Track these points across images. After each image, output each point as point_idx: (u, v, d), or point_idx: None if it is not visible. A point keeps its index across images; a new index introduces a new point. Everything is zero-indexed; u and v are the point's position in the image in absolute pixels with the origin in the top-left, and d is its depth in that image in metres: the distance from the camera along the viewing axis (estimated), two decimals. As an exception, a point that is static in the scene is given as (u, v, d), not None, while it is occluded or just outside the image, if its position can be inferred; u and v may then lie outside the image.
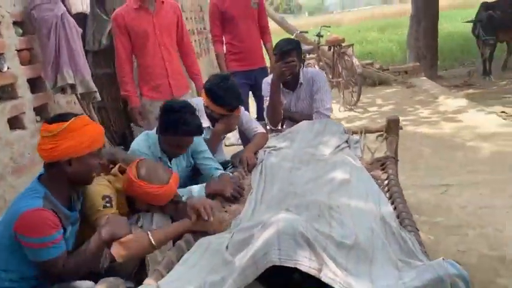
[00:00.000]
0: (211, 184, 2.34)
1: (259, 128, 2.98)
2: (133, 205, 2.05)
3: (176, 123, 2.26)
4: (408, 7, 9.16)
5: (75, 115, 1.74)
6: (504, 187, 3.23)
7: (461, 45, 11.63)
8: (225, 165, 2.93)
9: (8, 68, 2.65)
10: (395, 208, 1.92)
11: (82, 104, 3.17)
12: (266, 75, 3.57)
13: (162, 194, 1.96)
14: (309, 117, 3.10)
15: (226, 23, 3.74)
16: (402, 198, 1.98)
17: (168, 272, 1.65)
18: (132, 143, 2.49)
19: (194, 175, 2.73)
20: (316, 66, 6.72)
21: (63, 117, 1.72)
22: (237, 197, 2.30)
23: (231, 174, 2.56)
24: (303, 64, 3.15)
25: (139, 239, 1.83)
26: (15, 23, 2.79)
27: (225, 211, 2.22)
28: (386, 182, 2.28)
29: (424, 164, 3.83)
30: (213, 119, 2.80)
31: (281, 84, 3.05)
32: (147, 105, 3.19)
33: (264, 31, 3.85)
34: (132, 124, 5.06)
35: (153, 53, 3.11)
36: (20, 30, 2.83)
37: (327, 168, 2.29)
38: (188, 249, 1.81)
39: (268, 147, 2.86)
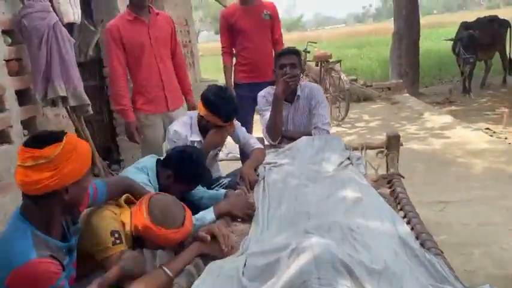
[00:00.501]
0: (220, 205, 2.21)
1: (257, 144, 2.90)
2: (139, 241, 1.88)
3: (200, 176, 2.27)
4: (382, 26, 9.41)
5: (62, 132, 1.47)
6: (500, 203, 3.24)
7: (439, 63, 11.96)
8: (215, 181, 2.83)
9: (-5, 79, 2.50)
10: (412, 228, 1.85)
11: (72, 118, 3.02)
12: None
13: (177, 238, 1.78)
14: (308, 134, 3.03)
15: (236, 35, 3.65)
16: (418, 218, 1.92)
17: (180, 300, 1.54)
18: (128, 174, 2.21)
19: None
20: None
21: (51, 137, 1.41)
22: (250, 215, 2.19)
23: (232, 191, 2.48)
24: (302, 75, 3.08)
25: (156, 278, 1.66)
26: (3, 32, 2.64)
27: (232, 231, 2.11)
28: (396, 200, 2.22)
29: (418, 181, 3.81)
30: (206, 132, 2.72)
31: None
32: (142, 119, 3.06)
33: (276, 43, 3.76)
34: (118, 138, 4.91)
35: (148, 65, 3.00)
36: (9, 39, 2.68)
37: (336, 186, 2.22)
38: (198, 275, 1.70)
39: (268, 164, 2.78)
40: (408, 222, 1.91)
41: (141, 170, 2.26)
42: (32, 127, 2.84)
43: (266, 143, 3.14)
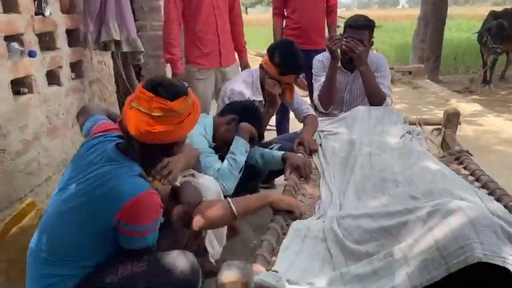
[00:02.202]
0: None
1: (310, 110, 2.77)
2: None
3: (260, 124, 2.27)
4: (386, 13, 9.07)
5: (184, 84, 1.39)
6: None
7: (453, 53, 11.80)
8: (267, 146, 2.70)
9: (50, 14, 2.32)
10: (504, 206, 1.74)
11: (119, 65, 2.85)
12: None
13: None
14: None
15: None
16: (510, 195, 1.81)
17: (272, 258, 1.43)
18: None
19: None
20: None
21: (178, 88, 1.33)
22: (310, 176, 2.17)
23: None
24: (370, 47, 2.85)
25: (220, 207, 1.61)
26: (57, -37, 2.45)
27: (302, 194, 2.00)
28: (472, 177, 2.12)
29: (458, 165, 3.70)
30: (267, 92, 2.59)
31: (340, 63, 2.83)
32: (195, 73, 2.91)
33: (331, 10, 3.57)
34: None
35: (206, 16, 2.83)
36: (63, -28, 2.49)
37: (413, 158, 2.10)
38: (283, 233, 1.60)
39: (322, 131, 2.66)
40: (497, 200, 1.80)
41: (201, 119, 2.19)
42: (78, 71, 2.68)
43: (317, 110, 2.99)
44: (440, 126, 2.89)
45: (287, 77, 2.46)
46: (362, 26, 2.67)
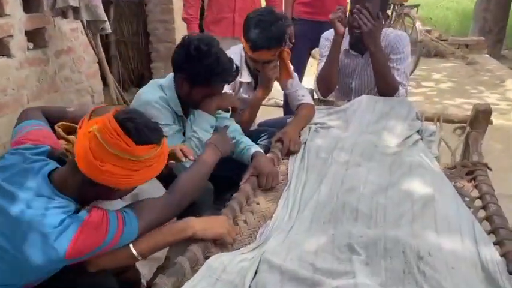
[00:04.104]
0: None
1: (306, 97, 2.24)
2: None
3: (218, 67, 1.65)
4: None
5: (161, 132, 1.19)
6: None
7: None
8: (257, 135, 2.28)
9: (-8, -26, 2.02)
10: (503, 255, 1.27)
11: (88, 35, 2.53)
12: None
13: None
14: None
15: None
16: (515, 239, 1.33)
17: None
18: (141, 94, 1.77)
19: None
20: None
21: (153, 133, 1.15)
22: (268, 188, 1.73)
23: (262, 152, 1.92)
24: (385, 23, 2.29)
25: (118, 254, 1.26)
26: None
27: (251, 211, 1.62)
28: (479, 202, 1.63)
29: (495, 165, 3.09)
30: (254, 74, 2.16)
31: (348, 45, 2.33)
32: None
33: None
34: (152, 65, 4.43)
35: None
36: None
37: (400, 172, 1.65)
38: (196, 270, 1.24)
39: (315, 124, 2.20)
40: (497, 243, 1.33)
41: (157, 85, 1.77)
42: (39, 40, 2.40)
43: (315, 96, 2.52)
44: (465, 125, 2.33)
45: (260, 53, 1.96)
46: None
